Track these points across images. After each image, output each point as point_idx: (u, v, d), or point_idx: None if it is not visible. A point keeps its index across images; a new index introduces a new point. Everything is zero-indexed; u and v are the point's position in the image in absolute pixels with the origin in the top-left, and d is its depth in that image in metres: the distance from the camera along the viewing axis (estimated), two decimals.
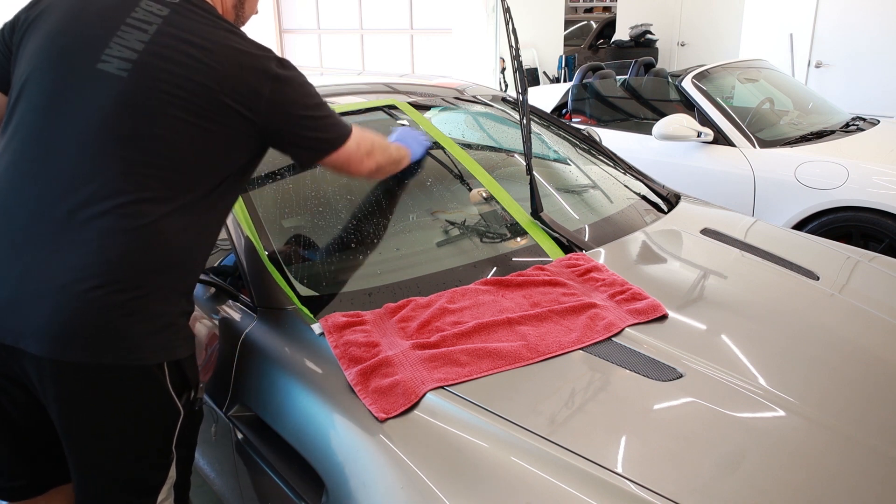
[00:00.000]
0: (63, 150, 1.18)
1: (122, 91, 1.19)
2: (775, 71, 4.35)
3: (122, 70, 1.20)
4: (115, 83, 1.19)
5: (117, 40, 1.22)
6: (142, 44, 1.22)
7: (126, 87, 1.19)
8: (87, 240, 1.15)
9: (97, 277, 1.14)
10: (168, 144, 1.20)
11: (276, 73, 1.28)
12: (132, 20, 1.23)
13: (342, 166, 1.45)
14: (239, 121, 1.26)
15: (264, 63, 1.28)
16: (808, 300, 1.62)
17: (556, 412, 1.18)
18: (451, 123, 2.33)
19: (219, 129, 1.24)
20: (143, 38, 1.22)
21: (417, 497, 1.03)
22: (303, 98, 1.34)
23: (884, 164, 3.12)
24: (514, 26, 1.86)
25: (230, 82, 1.23)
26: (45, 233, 1.16)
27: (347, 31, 9.83)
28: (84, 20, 1.25)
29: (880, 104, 5.64)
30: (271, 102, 1.27)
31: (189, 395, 1.31)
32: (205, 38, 1.24)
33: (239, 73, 1.24)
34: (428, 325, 1.40)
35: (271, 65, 1.28)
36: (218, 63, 1.23)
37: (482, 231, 1.84)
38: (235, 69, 1.24)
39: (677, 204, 2.21)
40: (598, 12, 12.70)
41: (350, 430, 1.19)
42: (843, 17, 5.85)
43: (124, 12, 1.24)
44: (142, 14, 1.24)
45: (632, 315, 1.46)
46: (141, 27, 1.23)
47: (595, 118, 4.35)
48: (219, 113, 1.23)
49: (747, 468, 1.06)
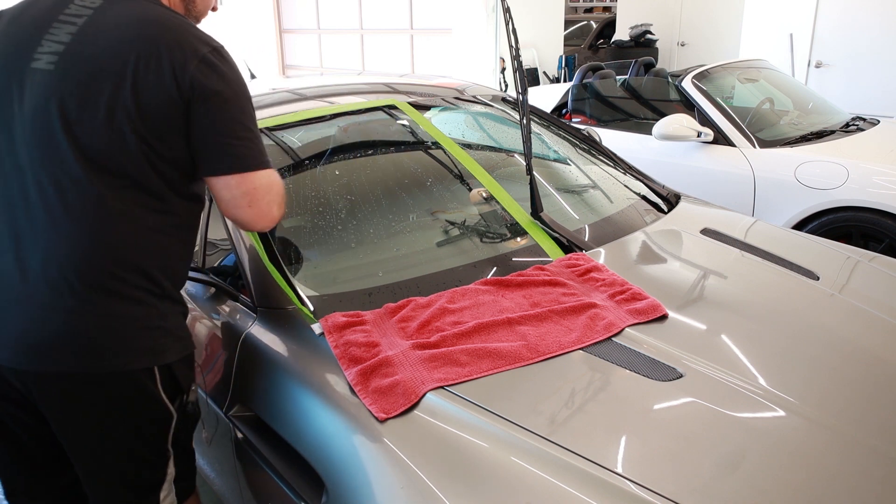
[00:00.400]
0: (13, 156, 1.17)
1: (51, 85, 1.16)
2: (775, 71, 4.35)
3: (50, 63, 1.17)
4: (44, 78, 1.17)
5: (48, 37, 1.20)
6: (70, 35, 1.19)
7: (54, 80, 1.16)
8: (46, 247, 1.13)
9: (61, 285, 1.12)
10: (107, 131, 1.15)
11: (207, 56, 1.19)
12: (64, 16, 1.21)
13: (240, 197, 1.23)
14: (165, 95, 1.16)
15: (196, 44, 1.20)
16: (808, 300, 1.62)
17: (556, 412, 1.18)
18: (451, 123, 2.33)
19: (151, 111, 1.16)
20: (71, 31, 1.19)
21: (417, 497, 1.03)
22: (229, 95, 1.21)
23: (884, 164, 3.12)
24: (514, 26, 1.86)
25: (154, 51, 1.16)
26: (7, 242, 1.15)
27: (347, 31, 9.83)
28: (20, 26, 1.23)
29: (880, 104, 5.64)
30: (195, 81, 1.17)
31: (182, 398, 1.30)
32: (133, 17, 1.19)
33: (166, 43, 1.17)
34: (428, 325, 1.40)
35: (204, 48, 1.20)
36: (144, 32, 1.17)
37: (482, 231, 1.84)
38: (162, 39, 1.17)
39: (677, 204, 2.21)
40: (598, 12, 12.70)
41: (350, 430, 1.19)
42: (843, 17, 5.85)
43: (58, 10, 1.22)
44: (74, 9, 1.22)
45: (632, 315, 1.46)
46: (71, 21, 1.20)
47: (595, 118, 4.35)
48: (145, 86, 1.15)
49: (747, 468, 1.06)
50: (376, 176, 2.00)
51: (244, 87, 1.26)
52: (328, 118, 2.01)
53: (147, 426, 1.24)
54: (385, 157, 2.10)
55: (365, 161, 2.05)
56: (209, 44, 1.22)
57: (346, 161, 2.01)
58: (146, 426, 1.24)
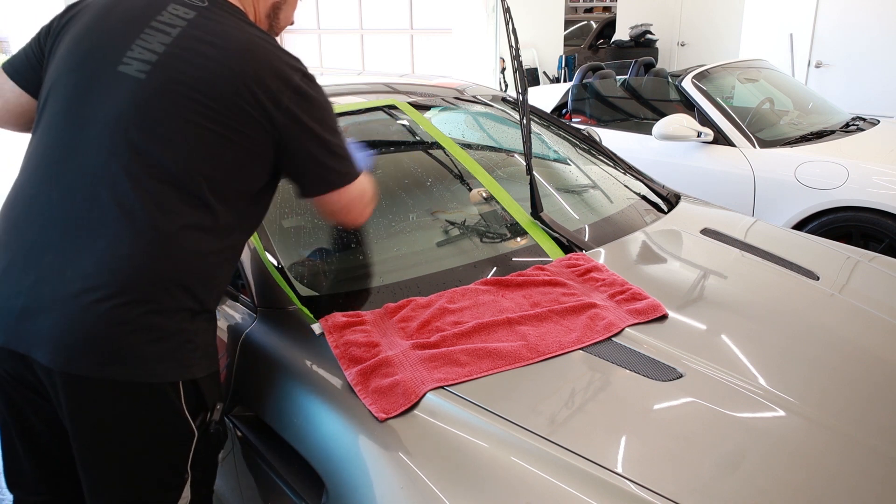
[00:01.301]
0: (82, 154, 1.16)
1: (138, 93, 1.16)
2: (775, 71, 4.35)
3: (141, 72, 1.17)
4: (133, 85, 1.17)
5: (140, 42, 1.19)
6: (163, 46, 1.18)
7: (143, 90, 1.16)
8: (97, 249, 1.12)
9: (104, 289, 1.11)
10: (183, 152, 1.16)
11: (298, 85, 1.22)
12: (157, 23, 1.20)
13: (339, 210, 1.33)
14: (255, 128, 1.20)
15: (288, 72, 1.22)
16: (808, 300, 1.62)
17: (556, 412, 1.18)
18: (451, 123, 2.33)
19: (235, 136, 1.18)
20: (164, 41, 1.19)
21: (417, 497, 1.03)
22: (322, 119, 1.26)
23: (884, 164, 3.12)
24: (514, 26, 1.86)
25: (249, 84, 1.18)
26: (59, 239, 1.14)
27: (347, 31, 9.83)
28: (109, 23, 1.22)
29: (880, 104, 5.64)
30: (289, 113, 1.21)
31: (206, 416, 1.26)
32: (228, 39, 1.20)
33: (260, 75, 1.18)
34: (428, 325, 1.40)
35: (295, 76, 1.22)
36: (238, 64, 1.18)
37: (482, 231, 1.84)
38: (257, 71, 1.18)
39: (677, 204, 2.21)
40: (598, 12, 12.71)
41: (350, 430, 1.19)
42: (843, 17, 5.85)
43: (150, 15, 1.21)
44: (167, 17, 1.21)
45: (632, 315, 1.46)
46: (164, 30, 1.20)
47: (595, 118, 4.35)
48: (235, 118, 1.18)
49: (747, 468, 1.06)
50: (376, 176, 2.00)
51: (330, 107, 1.29)
52: None
53: (166, 442, 1.21)
54: (385, 157, 2.10)
55: None
56: (299, 69, 1.24)
57: None
58: (165, 441, 1.21)
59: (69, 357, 1.12)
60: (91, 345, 1.11)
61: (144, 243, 1.13)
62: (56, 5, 1.23)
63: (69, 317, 1.11)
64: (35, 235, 1.16)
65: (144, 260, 1.13)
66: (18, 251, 1.17)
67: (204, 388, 1.23)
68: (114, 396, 1.15)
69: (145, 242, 1.13)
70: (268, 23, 1.37)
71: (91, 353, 1.12)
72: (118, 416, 1.17)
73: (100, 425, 1.17)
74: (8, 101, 1.34)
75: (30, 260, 1.15)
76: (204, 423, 1.26)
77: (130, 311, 1.12)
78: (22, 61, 1.33)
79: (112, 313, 1.11)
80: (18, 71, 1.33)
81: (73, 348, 1.11)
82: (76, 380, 1.14)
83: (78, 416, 1.17)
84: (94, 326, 1.11)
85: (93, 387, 1.14)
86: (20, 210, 1.20)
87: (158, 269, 1.14)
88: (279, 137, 1.22)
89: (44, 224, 1.16)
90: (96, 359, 1.12)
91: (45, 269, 1.14)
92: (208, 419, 1.28)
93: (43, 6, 7.51)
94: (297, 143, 1.24)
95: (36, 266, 1.14)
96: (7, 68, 1.35)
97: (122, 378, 1.14)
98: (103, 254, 1.12)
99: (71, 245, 1.14)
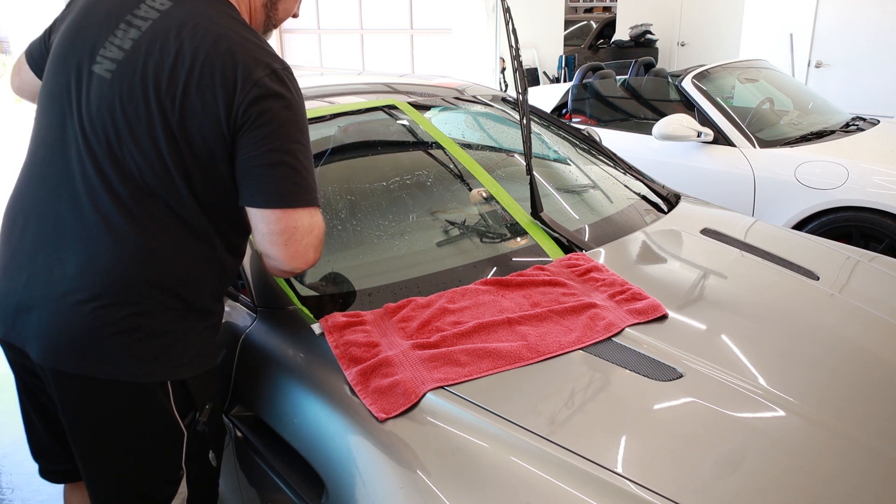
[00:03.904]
0: (64, 156, 1.16)
1: (106, 94, 1.13)
2: (775, 71, 4.35)
3: (108, 71, 1.14)
4: (102, 86, 1.14)
5: (112, 39, 1.15)
6: (132, 41, 1.13)
7: (110, 90, 1.13)
8: (79, 252, 1.13)
9: (87, 291, 1.11)
10: (151, 154, 1.12)
11: (261, 80, 1.11)
12: (132, 17, 1.16)
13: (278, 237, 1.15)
14: (215, 123, 1.11)
15: (252, 66, 1.11)
16: (808, 300, 1.62)
17: (556, 412, 1.18)
18: (451, 123, 2.33)
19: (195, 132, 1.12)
20: (134, 37, 1.14)
21: (417, 497, 1.03)
22: (283, 124, 1.13)
23: (884, 164, 3.12)
24: (514, 26, 1.86)
25: (210, 73, 1.09)
26: (49, 239, 1.15)
27: (347, 31, 9.83)
28: (91, 19, 1.20)
29: (880, 104, 5.65)
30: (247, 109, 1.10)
31: (195, 416, 1.25)
32: (198, 26, 1.12)
33: (224, 63, 1.10)
34: (428, 325, 1.40)
35: (260, 71, 1.11)
36: (205, 51, 1.10)
37: (482, 231, 1.84)
38: (221, 59, 1.10)
39: (677, 204, 2.21)
40: (598, 12, 12.71)
41: (350, 430, 1.19)
42: (843, 17, 5.85)
43: (127, 10, 1.17)
44: (143, 11, 1.16)
45: (632, 315, 1.46)
46: (137, 24, 1.15)
47: (595, 118, 4.35)
48: (195, 113, 1.11)
49: (747, 468, 1.06)
50: (376, 176, 2.00)
51: (300, 109, 1.17)
52: (328, 118, 2.01)
53: (156, 441, 1.21)
54: (385, 157, 2.10)
55: (365, 161, 2.05)
56: (269, 65, 1.13)
57: (346, 161, 2.01)
58: (155, 438, 1.21)
59: (58, 354, 1.13)
60: (78, 344, 1.12)
61: (122, 248, 1.12)
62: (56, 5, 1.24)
63: (57, 316, 1.13)
64: (33, 234, 1.18)
65: (123, 265, 1.12)
66: (19, 248, 1.19)
67: (193, 388, 1.22)
68: (102, 394, 1.16)
69: (122, 247, 1.12)
70: (264, 13, 1.29)
71: (78, 352, 1.13)
72: (107, 413, 1.18)
73: (90, 421, 1.19)
74: (24, 81, 1.42)
75: (26, 258, 1.17)
76: (192, 422, 1.26)
77: (115, 313, 1.12)
78: (37, 47, 1.38)
79: (96, 314, 1.12)
80: (32, 56, 1.38)
81: (62, 346, 1.13)
82: (66, 377, 1.15)
83: (69, 412, 1.19)
84: (80, 327, 1.12)
85: (81, 384, 1.15)
86: (20, 207, 1.21)
87: (137, 273, 1.13)
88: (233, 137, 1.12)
89: (38, 223, 1.17)
90: (83, 358, 1.13)
91: (37, 268, 1.15)
92: (196, 418, 1.26)
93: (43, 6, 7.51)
94: (247, 145, 1.12)
95: (30, 264, 1.16)
96: (26, 50, 1.40)
97: (109, 377, 1.14)
98: (84, 257, 1.13)
99: (58, 247, 1.15)
